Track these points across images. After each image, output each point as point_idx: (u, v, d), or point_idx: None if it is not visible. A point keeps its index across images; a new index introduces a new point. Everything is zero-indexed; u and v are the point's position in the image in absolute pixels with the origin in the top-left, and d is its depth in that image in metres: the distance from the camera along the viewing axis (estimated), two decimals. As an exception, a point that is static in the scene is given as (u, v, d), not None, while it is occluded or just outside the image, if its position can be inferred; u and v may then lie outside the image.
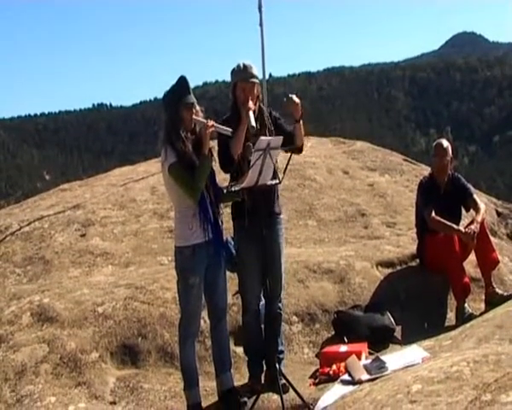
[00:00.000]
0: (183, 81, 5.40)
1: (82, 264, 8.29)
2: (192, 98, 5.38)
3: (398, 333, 6.89)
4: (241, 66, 5.78)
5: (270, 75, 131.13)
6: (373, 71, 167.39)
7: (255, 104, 5.72)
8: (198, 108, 5.45)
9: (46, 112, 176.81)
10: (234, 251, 5.78)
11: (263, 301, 6.02)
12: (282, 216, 6.03)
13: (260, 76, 10.24)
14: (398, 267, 7.90)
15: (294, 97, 5.71)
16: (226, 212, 6.09)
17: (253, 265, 5.80)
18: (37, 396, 5.85)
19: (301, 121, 5.82)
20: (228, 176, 5.84)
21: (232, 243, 5.81)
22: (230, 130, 5.46)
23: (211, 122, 5.36)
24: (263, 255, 5.73)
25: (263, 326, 6.04)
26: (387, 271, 7.80)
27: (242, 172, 5.53)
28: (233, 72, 5.83)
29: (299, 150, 5.92)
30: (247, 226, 5.68)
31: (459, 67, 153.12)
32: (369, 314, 6.93)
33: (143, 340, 6.54)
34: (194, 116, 5.39)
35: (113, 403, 5.92)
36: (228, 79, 6.00)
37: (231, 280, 6.08)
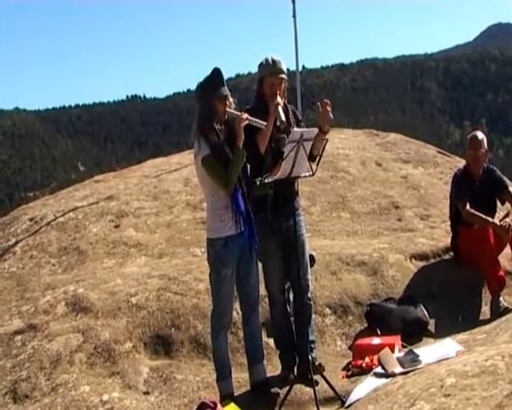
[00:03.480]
0: (217, 73, 5.36)
1: (116, 255, 8.34)
2: (226, 90, 5.35)
3: (431, 326, 6.84)
4: (270, 60, 5.70)
5: (304, 67, 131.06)
6: (406, 62, 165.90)
7: (282, 99, 5.67)
8: (231, 99, 5.41)
9: (80, 103, 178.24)
10: None
11: (292, 294, 6.04)
12: (300, 211, 6.01)
13: (292, 68, 10.25)
14: (432, 260, 7.84)
15: (330, 112, 5.58)
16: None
17: (276, 258, 5.83)
18: (71, 385, 5.90)
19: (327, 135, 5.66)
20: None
21: None
22: (264, 123, 5.41)
23: (245, 115, 5.32)
24: (285, 248, 5.77)
25: (292, 318, 6.04)
26: (421, 263, 7.75)
27: (266, 165, 5.52)
28: (261, 65, 5.76)
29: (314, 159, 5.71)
30: (269, 220, 5.68)
31: (494, 58, 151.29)
32: (403, 307, 6.88)
33: (176, 331, 6.57)
34: (227, 108, 5.36)
35: (147, 393, 5.95)
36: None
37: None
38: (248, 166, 5.53)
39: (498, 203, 7.74)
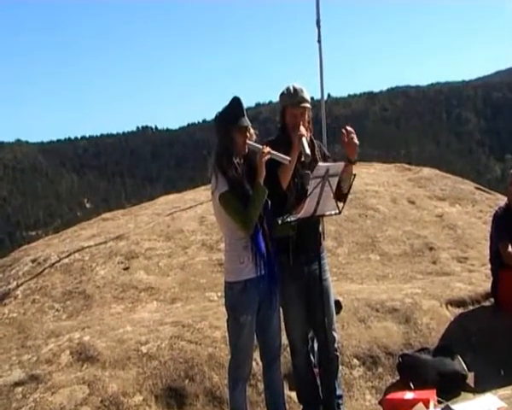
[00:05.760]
0: (236, 102, 5.34)
1: (125, 299, 8.38)
2: (246, 121, 5.32)
3: (470, 380, 6.79)
4: (291, 89, 5.68)
5: (329, 95, 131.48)
6: (441, 90, 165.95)
7: (307, 131, 5.62)
8: (252, 131, 5.38)
9: (87, 135, 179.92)
10: None
11: (316, 343, 6.01)
12: (325, 254, 5.98)
13: (317, 97, 10.31)
14: (471, 307, 7.81)
15: (355, 138, 5.54)
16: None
17: (298, 305, 5.77)
18: (76, 442, 5.91)
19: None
20: None
21: None
22: (288, 158, 5.35)
23: (266, 149, 5.27)
24: (308, 294, 5.73)
25: (316, 370, 6.01)
26: (458, 310, 7.71)
27: (289, 203, 5.53)
28: (282, 95, 5.74)
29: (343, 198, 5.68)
30: (291, 264, 5.66)
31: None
32: (438, 358, 6.85)
33: (190, 382, 6.56)
34: (248, 141, 5.35)
35: (158, 451, 5.95)
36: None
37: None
38: (270, 203, 5.51)
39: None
